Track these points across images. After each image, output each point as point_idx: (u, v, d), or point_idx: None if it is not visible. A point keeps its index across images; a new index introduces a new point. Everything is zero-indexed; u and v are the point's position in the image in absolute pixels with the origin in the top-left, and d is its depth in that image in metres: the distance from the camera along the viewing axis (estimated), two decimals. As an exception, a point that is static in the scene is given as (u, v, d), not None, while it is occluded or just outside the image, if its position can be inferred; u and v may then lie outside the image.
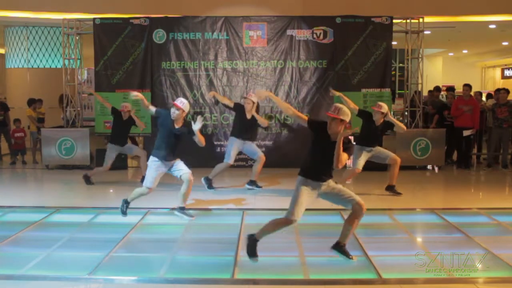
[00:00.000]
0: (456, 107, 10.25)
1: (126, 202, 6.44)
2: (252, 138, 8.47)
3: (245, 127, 8.15)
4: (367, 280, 4.58)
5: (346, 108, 4.78)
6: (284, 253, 5.32)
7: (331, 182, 4.91)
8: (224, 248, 5.44)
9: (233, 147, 8.14)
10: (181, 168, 6.51)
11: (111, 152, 8.54)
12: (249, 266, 4.90)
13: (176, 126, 6.35)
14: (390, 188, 7.95)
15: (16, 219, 6.72)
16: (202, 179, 8.25)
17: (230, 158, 8.12)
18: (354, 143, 7.62)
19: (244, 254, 5.05)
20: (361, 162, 7.71)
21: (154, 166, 6.35)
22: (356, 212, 4.88)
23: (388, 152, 7.93)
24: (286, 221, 4.81)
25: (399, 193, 7.88)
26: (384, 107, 7.53)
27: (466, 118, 10.12)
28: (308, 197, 4.82)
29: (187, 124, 6.44)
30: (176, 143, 6.44)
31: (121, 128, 8.67)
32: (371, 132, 7.62)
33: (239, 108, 8.29)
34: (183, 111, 6.31)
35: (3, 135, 11.52)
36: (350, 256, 4.95)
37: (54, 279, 4.54)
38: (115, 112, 8.71)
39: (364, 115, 7.69)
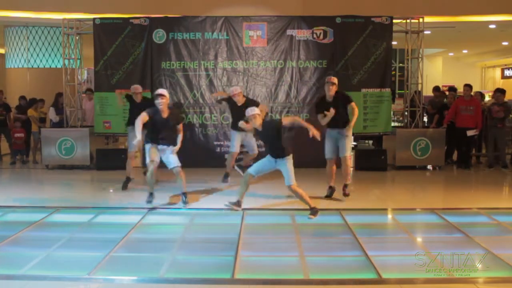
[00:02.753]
0: (457, 108, 10.24)
1: (151, 194, 7.15)
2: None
3: (238, 117, 8.02)
4: (367, 280, 4.57)
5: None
6: (284, 253, 5.32)
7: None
8: (224, 248, 5.43)
9: (235, 138, 8.31)
10: (170, 161, 7.12)
11: (131, 136, 8.48)
12: (249, 266, 4.91)
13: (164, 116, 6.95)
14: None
15: (16, 219, 6.71)
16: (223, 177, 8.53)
17: (234, 147, 8.34)
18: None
19: (244, 254, 5.06)
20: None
21: (147, 148, 7.08)
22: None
23: None
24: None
25: None
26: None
27: (468, 119, 10.11)
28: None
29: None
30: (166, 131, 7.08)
31: (136, 112, 8.48)
32: None
33: (230, 100, 8.34)
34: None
35: (4, 135, 11.52)
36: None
37: (54, 279, 4.54)
38: (128, 97, 8.66)
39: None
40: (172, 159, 7.09)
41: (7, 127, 11.32)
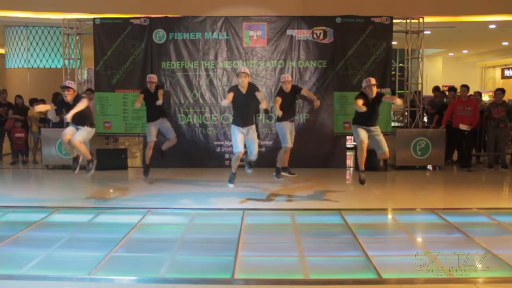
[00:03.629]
0: (454, 108, 10.24)
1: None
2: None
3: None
4: (367, 280, 4.57)
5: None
6: (284, 253, 5.32)
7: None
8: (224, 248, 5.43)
9: (285, 132, 8.03)
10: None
11: (150, 129, 8.71)
12: (249, 266, 4.91)
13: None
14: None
15: (16, 219, 6.71)
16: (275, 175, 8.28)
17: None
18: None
19: (244, 254, 5.06)
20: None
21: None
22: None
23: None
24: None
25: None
26: None
27: (466, 119, 10.11)
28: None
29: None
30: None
31: (151, 103, 8.57)
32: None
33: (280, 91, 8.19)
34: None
35: (6, 134, 11.51)
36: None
37: (54, 279, 4.54)
38: (144, 91, 8.70)
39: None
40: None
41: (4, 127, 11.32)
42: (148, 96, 8.57)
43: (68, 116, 7.33)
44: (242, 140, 7.42)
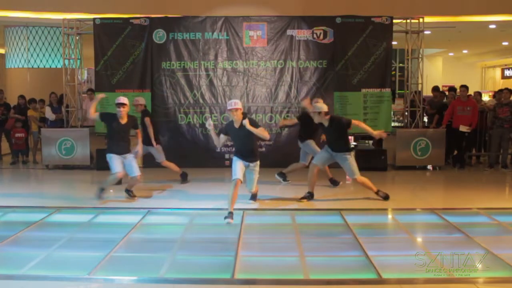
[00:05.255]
0: (454, 108, 10.25)
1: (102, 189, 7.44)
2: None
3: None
4: (367, 280, 4.57)
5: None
6: (284, 253, 5.32)
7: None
8: (224, 248, 5.43)
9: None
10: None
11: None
12: (249, 266, 4.91)
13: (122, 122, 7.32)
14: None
15: (16, 219, 6.71)
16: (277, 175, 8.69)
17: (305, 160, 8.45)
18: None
19: (244, 254, 5.06)
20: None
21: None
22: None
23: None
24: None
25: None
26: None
27: (465, 119, 10.11)
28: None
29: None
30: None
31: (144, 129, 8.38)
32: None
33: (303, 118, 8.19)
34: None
35: (5, 135, 11.53)
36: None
37: (54, 279, 4.54)
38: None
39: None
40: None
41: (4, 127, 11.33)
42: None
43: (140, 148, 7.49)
44: (242, 169, 6.61)
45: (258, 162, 6.78)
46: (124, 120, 7.31)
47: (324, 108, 7.21)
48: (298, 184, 8.40)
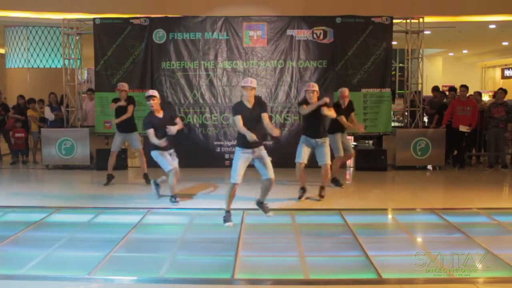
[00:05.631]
0: (454, 108, 10.25)
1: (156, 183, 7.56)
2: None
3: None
4: (367, 280, 4.57)
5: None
6: (284, 253, 5.32)
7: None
8: (224, 248, 5.43)
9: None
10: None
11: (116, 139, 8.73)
12: (249, 266, 4.91)
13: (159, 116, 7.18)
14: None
15: (16, 219, 6.71)
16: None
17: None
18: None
19: (244, 254, 5.06)
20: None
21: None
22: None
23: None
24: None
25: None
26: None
27: (465, 119, 10.12)
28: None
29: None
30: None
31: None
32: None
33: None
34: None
35: (3, 135, 11.53)
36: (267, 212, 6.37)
37: (54, 279, 4.54)
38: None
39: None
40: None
41: (4, 127, 11.33)
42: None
43: (174, 129, 7.03)
44: (243, 168, 6.12)
45: (263, 147, 6.28)
46: (160, 114, 7.18)
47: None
48: (297, 184, 8.39)
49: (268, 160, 6.22)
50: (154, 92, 7.24)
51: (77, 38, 10.76)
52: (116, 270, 4.82)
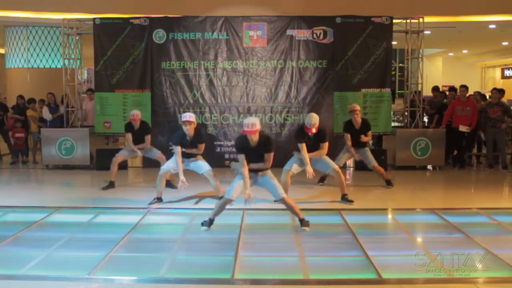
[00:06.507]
0: (454, 108, 10.25)
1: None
2: None
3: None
4: (367, 280, 4.57)
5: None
6: (284, 253, 5.32)
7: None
8: (224, 248, 5.43)
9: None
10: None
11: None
12: (249, 266, 4.91)
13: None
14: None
15: (16, 219, 6.71)
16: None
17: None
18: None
19: (244, 254, 5.06)
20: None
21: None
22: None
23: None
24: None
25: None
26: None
27: (465, 119, 10.12)
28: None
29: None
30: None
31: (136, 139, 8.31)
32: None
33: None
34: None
35: (2, 135, 11.52)
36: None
37: (54, 279, 4.54)
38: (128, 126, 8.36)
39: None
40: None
41: (4, 128, 11.33)
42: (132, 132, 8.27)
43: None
44: (240, 186, 5.92)
45: (268, 171, 6.14)
46: (190, 137, 7.03)
47: None
48: (298, 184, 8.40)
49: (273, 182, 6.08)
50: (191, 118, 6.91)
51: (77, 38, 10.76)
52: (116, 270, 4.82)
